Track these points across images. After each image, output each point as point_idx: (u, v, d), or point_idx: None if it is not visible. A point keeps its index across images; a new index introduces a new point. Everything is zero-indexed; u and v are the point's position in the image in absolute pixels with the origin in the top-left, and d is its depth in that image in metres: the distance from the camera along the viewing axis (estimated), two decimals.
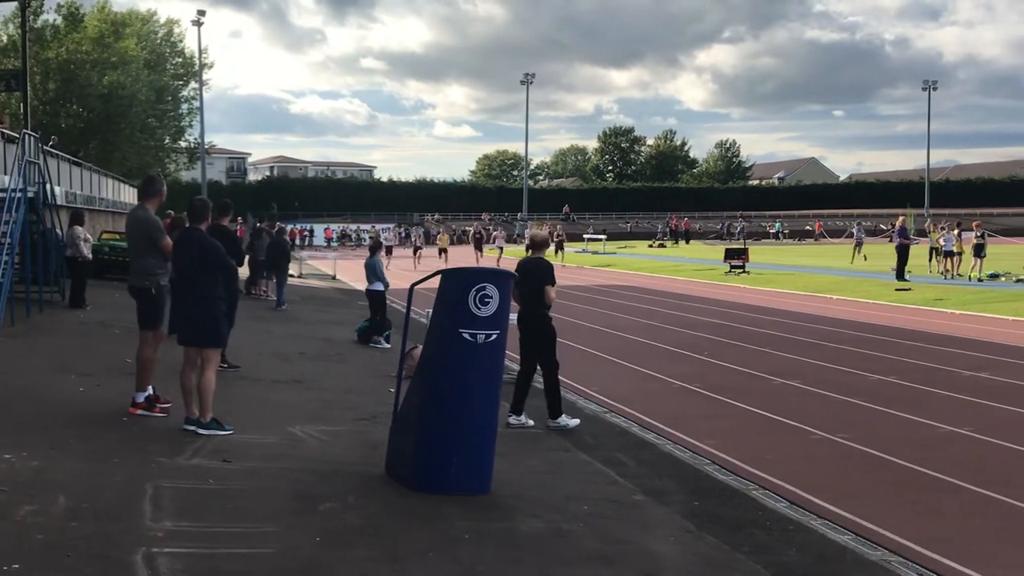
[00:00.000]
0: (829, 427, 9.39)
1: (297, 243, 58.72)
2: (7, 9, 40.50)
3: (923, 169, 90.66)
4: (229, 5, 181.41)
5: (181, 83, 59.59)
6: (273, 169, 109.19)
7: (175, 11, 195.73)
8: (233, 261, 8.54)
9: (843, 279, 29.38)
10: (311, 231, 73.08)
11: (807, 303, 23.26)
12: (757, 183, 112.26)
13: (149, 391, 8.54)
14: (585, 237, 59.46)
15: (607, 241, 58.12)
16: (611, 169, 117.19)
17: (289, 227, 49.16)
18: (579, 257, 46.62)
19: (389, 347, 14.70)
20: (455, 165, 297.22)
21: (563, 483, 7.24)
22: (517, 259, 12.03)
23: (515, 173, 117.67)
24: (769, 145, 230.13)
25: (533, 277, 9.04)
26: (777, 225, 79.36)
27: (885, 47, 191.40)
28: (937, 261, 30.51)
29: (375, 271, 16.04)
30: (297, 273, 31.30)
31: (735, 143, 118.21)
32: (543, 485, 7.13)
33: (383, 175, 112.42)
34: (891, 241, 36.53)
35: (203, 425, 7.86)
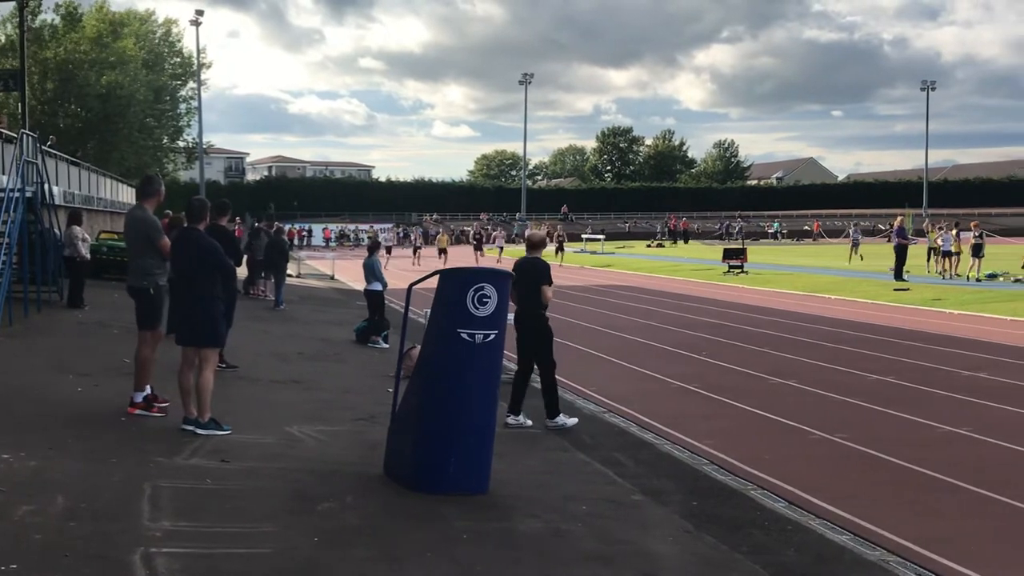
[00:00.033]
0: (827, 427, 9.39)
1: (295, 243, 58.72)
2: (5, 9, 40.61)
3: (921, 169, 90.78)
4: (227, 5, 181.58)
5: (179, 83, 59.60)
6: (271, 169, 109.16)
7: (173, 11, 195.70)
8: (231, 261, 8.53)
9: (841, 279, 29.40)
10: (309, 231, 73.10)
11: (805, 303, 23.27)
12: (755, 183, 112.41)
13: (147, 391, 8.54)
14: (583, 237, 59.49)
15: (605, 241, 58.20)
16: (609, 169, 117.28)
17: (287, 227, 49.15)
18: (578, 257, 46.61)
19: (387, 347, 14.70)
20: (453, 165, 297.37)
21: (561, 483, 7.23)
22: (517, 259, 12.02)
23: (513, 173, 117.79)
24: (767, 145, 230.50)
25: (530, 277, 9.05)
26: (775, 225, 79.48)
27: (883, 47, 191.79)
28: (935, 261, 30.55)
29: (373, 271, 16.03)
30: (295, 273, 31.28)
31: (733, 143, 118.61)
32: (541, 485, 7.13)
33: (381, 175, 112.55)
34: (889, 241, 36.55)
35: (201, 425, 7.87)
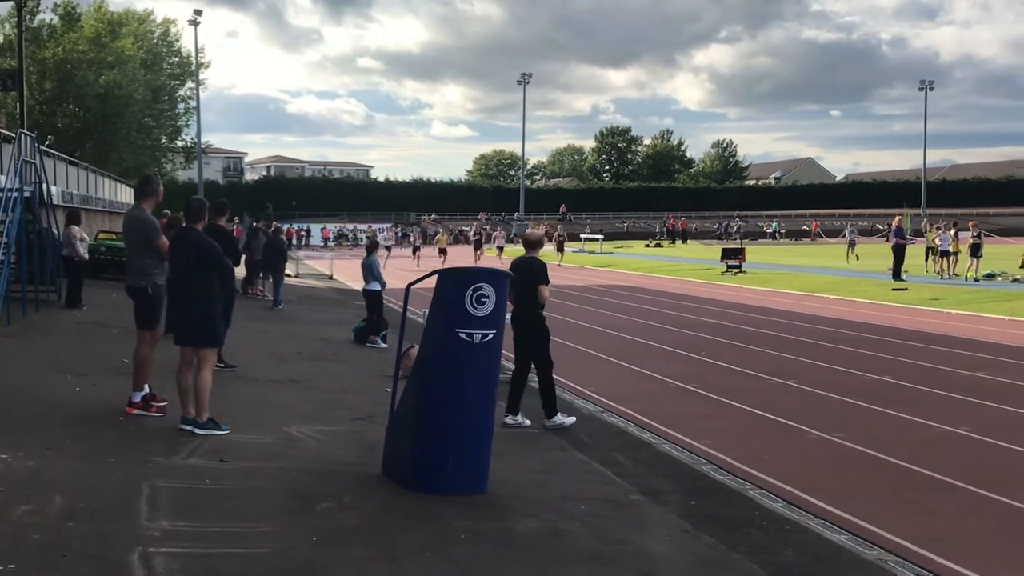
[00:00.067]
0: (826, 427, 9.39)
1: (294, 243, 58.69)
2: (3, 8, 40.61)
3: (920, 169, 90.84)
4: (226, 5, 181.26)
5: (178, 83, 59.60)
6: (270, 169, 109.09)
7: (172, 10, 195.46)
8: (229, 261, 8.53)
9: (840, 279, 29.41)
10: (308, 231, 73.08)
11: (804, 303, 23.28)
12: (754, 183, 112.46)
13: (146, 390, 8.53)
14: (582, 237, 59.55)
15: (604, 241, 58.22)
16: (608, 169, 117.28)
17: (285, 227, 49.11)
18: (577, 257, 46.62)
19: (386, 347, 14.69)
20: (452, 165, 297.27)
21: (560, 483, 7.23)
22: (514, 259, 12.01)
23: (512, 173, 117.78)
24: (766, 145, 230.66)
25: (527, 277, 9.04)
26: (774, 225, 79.52)
27: (882, 47, 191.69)
28: (933, 261, 30.57)
29: (372, 271, 16.03)
30: (294, 273, 31.27)
31: (732, 143, 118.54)
32: (540, 485, 7.13)
33: (380, 175, 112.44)
34: (887, 241, 36.56)
35: (199, 425, 7.86)
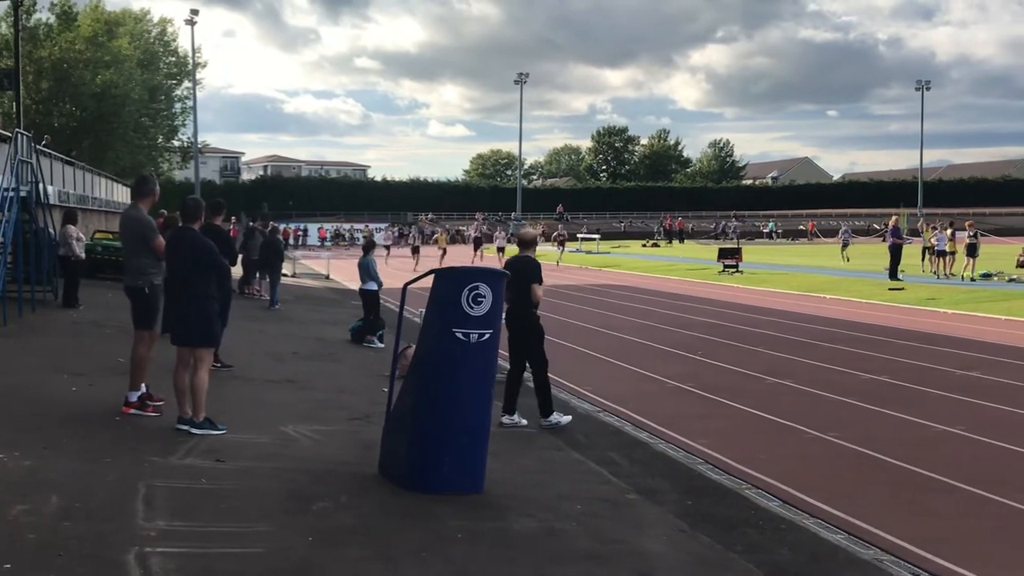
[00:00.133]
0: (823, 427, 9.40)
1: (291, 242, 58.63)
2: (0, 8, 40.47)
3: (916, 169, 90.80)
4: (223, 4, 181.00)
5: (174, 82, 59.60)
6: (267, 168, 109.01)
7: (168, 10, 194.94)
8: (226, 260, 8.51)
9: (836, 279, 29.44)
10: (305, 230, 73.02)
11: (801, 303, 23.30)
12: (751, 183, 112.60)
13: (143, 390, 8.52)
14: (579, 236, 59.60)
15: (601, 241, 58.26)
16: (605, 169, 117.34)
17: (282, 226, 49.06)
18: (574, 257, 46.62)
19: (382, 347, 14.68)
20: (449, 165, 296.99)
21: (556, 482, 7.23)
22: (508, 258, 12.02)
23: (509, 173, 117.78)
24: (762, 145, 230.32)
25: (521, 276, 9.02)
26: (771, 225, 79.55)
27: (878, 47, 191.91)
28: (930, 261, 30.60)
29: (369, 271, 16.02)
30: (291, 272, 31.24)
31: (729, 143, 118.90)
32: (536, 484, 7.13)
33: (377, 174, 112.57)
34: (884, 241, 36.60)
35: (196, 425, 7.85)
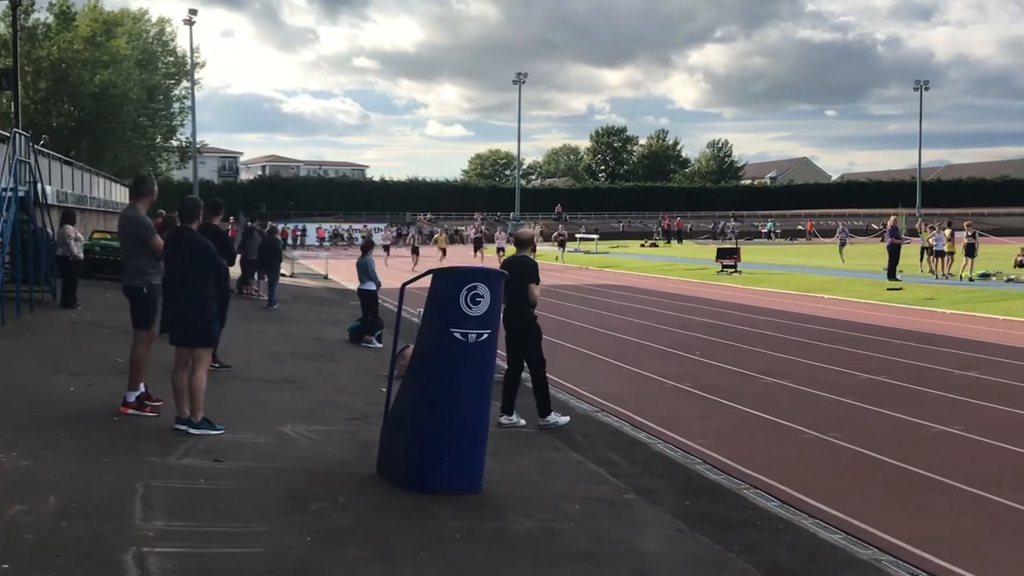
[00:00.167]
0: (821, 426, 9.40)
1: (289, 242, 58.59)
2: None
3: (915, 169, 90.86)
4: (221, 4, 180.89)
5: (173, 82, 59.63)
6: (265, 168, 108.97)
7: (167, 10, 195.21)
8: (224, 260, 8.51)
9: (835, 279, 29.45)
10: (303, 230, 73.02)
11: (799, 303, 23.30)
12: (749, 183, 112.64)
13: (141, 390, 8.52)
14: (577, 236, 59.63)
15: (599, 241, 58.28)
16: (603, 169, 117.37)
17: (281, 226, 49.05)
18: (573, 257, 46.62)
19: (381, 347, 14.68)
20: (447, 164, 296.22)
21: (554, 482, 7.23)
22: (505, 258, 12.02)
23: (507, 173, 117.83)
24: (761, 145, 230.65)
25: (518, 276, 9.01)
26: (769, 225, 79.60)
27: (877, 47, 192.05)
28: (928, 261, 30.62)
29: (367, 270, 16.02)
30: (289, 272, 31.23)
31: (727, 143, 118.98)
32: (534, 484, 7.13)
33: (375, 174, 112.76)
34: (883, 241, 36.62)
35: (194, 425, 7.85)
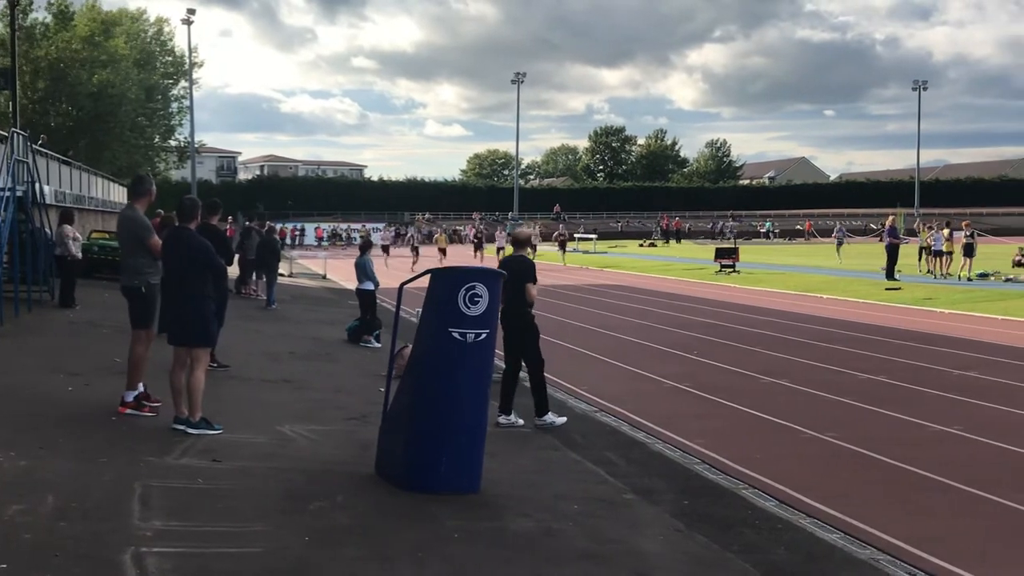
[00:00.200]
0: (819, 426, 9.41)
1: (288, 242, 58.54)
2: None
3: (913, 169, 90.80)
4: (220, 4, 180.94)
5: (171, 82, 59.56)
6: (263, 168, 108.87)
7: (165, 10, 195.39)
8: (222, 260, 8.51)
9: (833, 278, 29.46)
10: (302, 230, 73.01)
11: (797, 302, 23.31)
12: (747, 183, 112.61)
13: (139, 389, 8.52)
14: (576, 236, 59.64)
15: (598, 240, 58.29)
16: (602, 168, 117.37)
17: (279, 226, 49.01)
18: (572, 257, 46.60)
19: (379, 346, 14.67)
20: (446, 164, 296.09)
21: (553, 482, 7.23)
22: (502, 258, 12.01)
23: (506, 172, 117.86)
24: (759, 145, 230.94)
25: (516, 275, 9.01)
26: (767, 224, 79.57)
27: (875, 47, 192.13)
28: (926, 260, 30.63)
29: (365, 270, 16.01)
30: (287, 272, 31.24)
31: (726, 143, 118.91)
32: (533, 484, 7.13)
33: (374, 174, 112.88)
34: (881, 241, 36.63)
35: (192, 424, 7.85)
